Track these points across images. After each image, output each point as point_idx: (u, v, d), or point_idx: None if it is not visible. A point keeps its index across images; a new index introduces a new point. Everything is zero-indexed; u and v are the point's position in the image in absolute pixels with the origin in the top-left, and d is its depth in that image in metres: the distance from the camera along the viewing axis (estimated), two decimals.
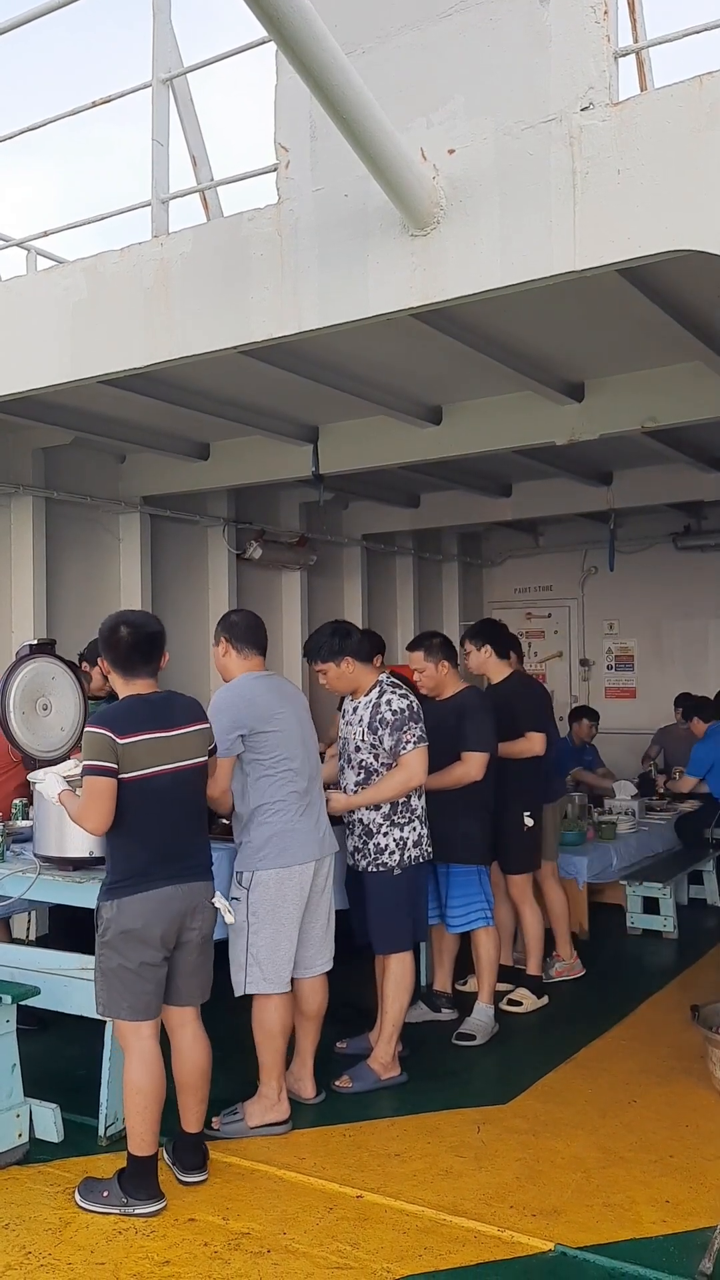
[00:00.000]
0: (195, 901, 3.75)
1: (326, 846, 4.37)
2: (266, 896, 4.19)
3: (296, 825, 4.24)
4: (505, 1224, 3.45)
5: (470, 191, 3.65)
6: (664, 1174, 3.80)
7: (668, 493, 8.94)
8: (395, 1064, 4.65)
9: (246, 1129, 4.14)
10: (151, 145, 4.59)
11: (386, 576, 11.08)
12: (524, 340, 5.51)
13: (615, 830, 7.54)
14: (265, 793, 4.24)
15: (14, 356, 4.87)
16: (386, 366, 5.98)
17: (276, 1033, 4.21)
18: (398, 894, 4.65)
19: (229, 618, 4.57)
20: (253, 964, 4.18)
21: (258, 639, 4.44)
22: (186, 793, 3.78)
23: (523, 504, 9.62)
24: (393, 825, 4.65)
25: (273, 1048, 4.21)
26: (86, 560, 7.82)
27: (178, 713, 3.78)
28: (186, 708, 3.83)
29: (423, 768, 4.64)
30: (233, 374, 5.79)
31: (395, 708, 4.59)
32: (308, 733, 4.43)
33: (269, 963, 4.19)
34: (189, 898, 3.73)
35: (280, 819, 4.22)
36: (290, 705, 4.38)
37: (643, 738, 10.15)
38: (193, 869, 3.78)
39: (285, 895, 4.20)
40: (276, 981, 4.19)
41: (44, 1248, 3.35)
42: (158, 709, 3.74)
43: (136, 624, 3.83)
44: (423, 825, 4.76)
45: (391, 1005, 4.65)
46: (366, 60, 3.76)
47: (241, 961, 4.20)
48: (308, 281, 4.00)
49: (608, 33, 3.45)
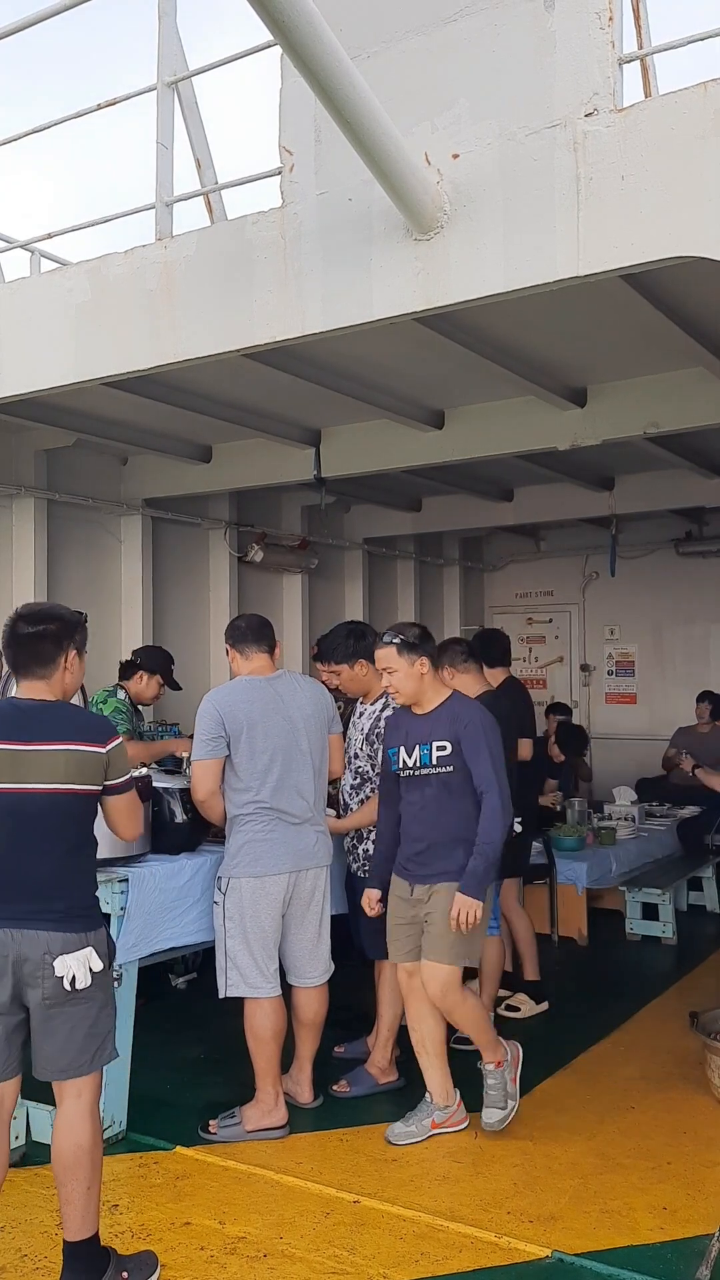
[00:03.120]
0: (29, 953, 3.00)
1: (310, 859, 4.29)
2: (239, 903, 4.18)
3: (269, 836, 4.20)
4: (502, 1230, 3.44)
5: (474, 196, 3.66)
6: (662, 1180, 3.79)
7: (669, 498, 8.95)
8: (393, 1069, 4.64)
9: (243, 1133, 4.13)
10: (156, 148, 4.60)
11: (388, 580, 11.08)
12: (527, 345, 5.52)
13: (615, 835, 7.53)
14: (236, 803, 4.23)
15: (17, 358, 4.87)
16: (389, 370, 5.98)
17: (267, 1038, 4.20)
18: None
19: (232, 623, 4.56)
20: (231, 968, 4.20)
21: (258, 637, 4.41)
22: (33, 821, 3.05)
23: (524, 509, 9.62)
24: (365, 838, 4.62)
25: (264, 1053, 4.20)
26: (88, 562, 7.83)
27: (49, 726, 3.09)
28: (65, 722, 3.12)
29: None
30: (235, 377, 5.79)
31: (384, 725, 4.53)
32: (304, 742, 4.30)
33: (247, 968, 4.19)
34: (19, 946, 3.01)
35: (250, 829, 4.20)
36: (277, 714, 4.25)
37: (642, 743, 10.15)
38: (30, 914, 3.02)
39: (259, 904, 4.18)
40: (258, 987, 4.19)
41: (40, 1250, 3.34)
42: (25, 718, 3.10)
43: (16, 617, 3.23)
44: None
45: (386, 1010, 4.64)
46: (371, 64, 3.76)
47: (222, 965, 4.23)
48: (311, 285, 4.00)
49: (612, 39, 3.46)
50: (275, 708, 4.27)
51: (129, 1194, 3.72)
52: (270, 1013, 4.20)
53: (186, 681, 8.47)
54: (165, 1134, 4.15)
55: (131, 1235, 3.43)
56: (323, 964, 4.42)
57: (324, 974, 4.43)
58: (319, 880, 4.34)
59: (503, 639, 6.15)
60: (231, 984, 4.21)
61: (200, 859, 4.44)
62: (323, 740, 4.40)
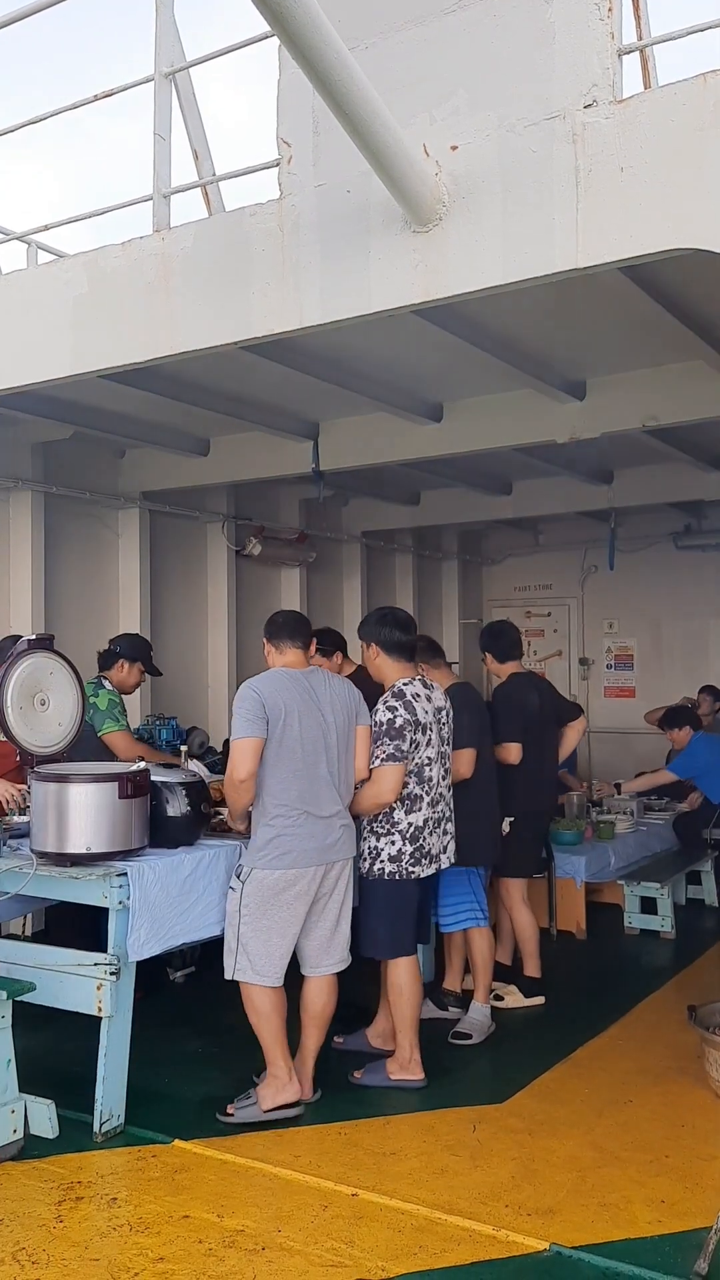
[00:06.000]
0: None
1: (337, 852, 4.32)
2: (259, 894, 4.19)
3: (298, 830, 4.21)
4: (500, 1223, 3.44)
5: (473, 188, 3.64)
6: (659, 1174, 3.80)
7: (668, 492, 8.95)
8: (414, 1067, 4.58)
9: (260, 1113, 4.16)
10: (153, 139, 4.58)
11: (386, 574, 11.08)
12: (525, 338, 5.51)
13: (613, 830, 7.53)
14: (268, 795, 4.23)
15: (14, 350, 4.85)
16: (387, 363, 5.97)
17: (268, 1010, 4.21)
18: (374, 899, 4.57)
19: (270, 618, 4.61)
20: (241, 952, 4.22)
21: (293, 632, 4.46)
22: None
23: (523, 502, 9.62)
24: (370, 833, 4.59)
25: (268, 1027, 4.22)
26: (85, 555, 7.82)
27: None
28: None
29: (390, 785, 4.44)
30: (233, 369, 5.78)
31: (377, 719, 4.50)
32: (334, 737, 4.32)
33: (259, 956, 4.20)
34: None
35: (280, 823, 4.21)
36: (312, 707, 4.27)
37: (641, 737, 10.15)
38: None
39: (280, 896, 4.20)
40: (266, 975, 4.21)
41: (38, 1244, 3.34)
42: None
43: None
44: (409, 843, 4.53)
45: (393, 1011, 4.63)
46: (370, 55, 3.74)
47: (231, 947, 4.24)
48: (309, 277, 3.99)
49: (612, 30, 3.44)
50: (309, 700, 4.30)
51: (127, 1187, 3.73)
52: (268, 990, 4.22)
53: (185, 674, 8.51)
54: (163, 1127, 4.15)
55: (130, 1228, 3.43)
56: (337, 954, 4.43)
57: (338, 963, 4.43)
58: (343, 872, 4.38)
59: (510, 631, 5.97)
60: (239, 968, 4.23)
61: (199, 853, 4.44)
62: (350, 735, 4.42)
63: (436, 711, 4.70)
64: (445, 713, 4.79)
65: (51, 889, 4.31)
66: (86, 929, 4.56)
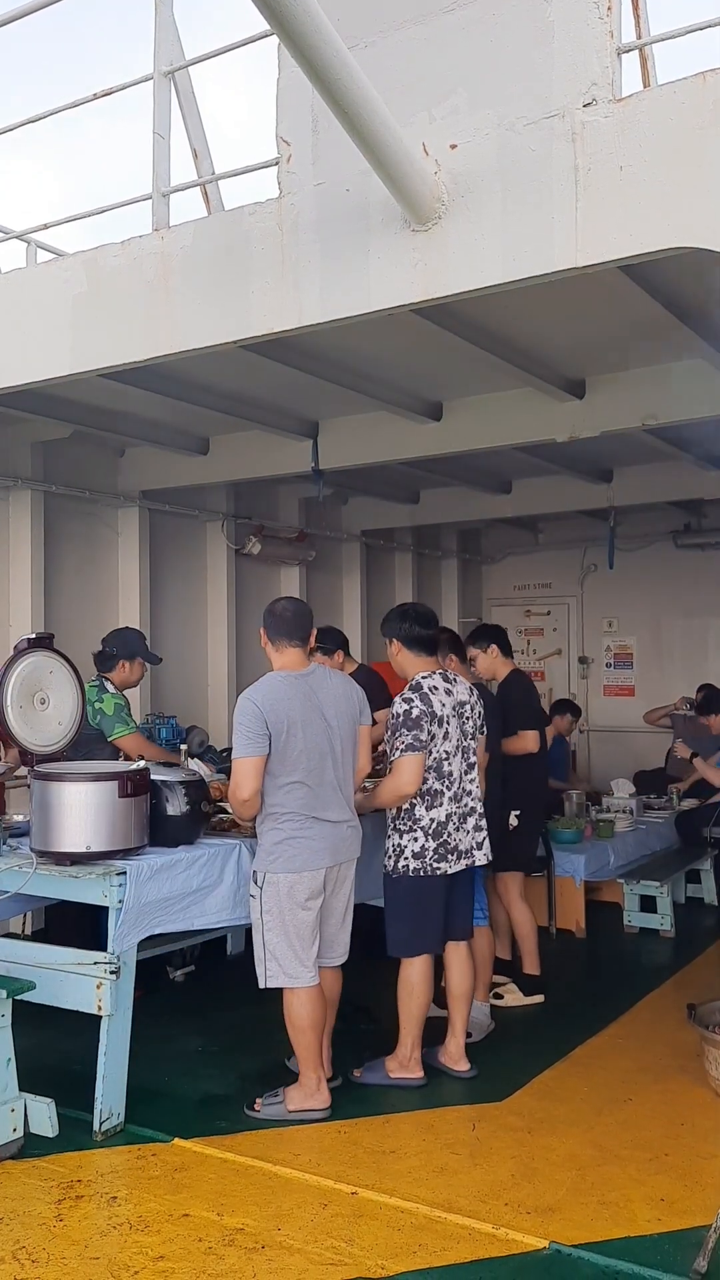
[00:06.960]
0: None
1: (344, 853, 4.35)
2: (277, 897, 4.22)
3: (305, 834, 4.22)
4: (500, 1221, 3.45)
5: (472, 186, 3.64)
6: (659, 1172, 3.80)
7: (668, 490, 8.94)
8: (414, 1065, 4.58)
9: (285, 1112, 4.22)
10: (153, 138, 4.57)
11: (385, 572, 11.07)
12: (525, 336, 5.50)
13: (613, 828, 7.53)
14: (273, 801, 4.23)
15: (14, 349, 4.85)
16: (387, 362, 5.97)
17: (305, 1027, 4.25)
18: (398, 896, 4.58)
19: (272, 604, 4.50)
20: (270, 959, 4.24)
21: (292, 630, 4.38)
22: None
23: (522, 501, 9.61)
24: (394, 830, 4.60)
25: (303, 1042, 4.27)
26: (85, 554, 7.81)
27: None
28: None
29: (409, 776, 4.43)
30: (233, 368, 5.78)
31: (394, 710, 4.52)
32: (338, 740, 4.31)
33: (286, 959, 4.23)
34: None
35: (288, 826, 4.22)
36: (314, 713, 4.25)
37: (640, 736, 10.15)
38: None
39: (296, 898, 4.22)
40: (296, 976, 4.23)
41: (38, 1242, 3.35)
42: None
43: None
44: (432, 839, 4.50)
45: (400, 1008, 4.62)
46: (369, 54, 3.74)
47: (260, 956, 4.27)
48: (309, 276, 3.99)
49: (611, 28, 3.44)
50: (311, 705, 4.27)
51: (127, 1185, 3.73)
52: (307, 1001, 4.24)
53: (184, 673, 8.51)
54: (163, 1126, 4.16)
55: (130, 1227, 3.44)
56: (342, 946, 4.49)
57: (339, 957, 4.50)
58: (349, 871, 4.43)
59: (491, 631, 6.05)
60: (271, 975, 4.25)
61: (198, 851, 4.45)
62: (353, 736, 4.42)
63: (458, 705, 4.64)
64: (469, 706, 4.72)
65: (51, 888, 4.31)
66: (86, 928, 4.57)
